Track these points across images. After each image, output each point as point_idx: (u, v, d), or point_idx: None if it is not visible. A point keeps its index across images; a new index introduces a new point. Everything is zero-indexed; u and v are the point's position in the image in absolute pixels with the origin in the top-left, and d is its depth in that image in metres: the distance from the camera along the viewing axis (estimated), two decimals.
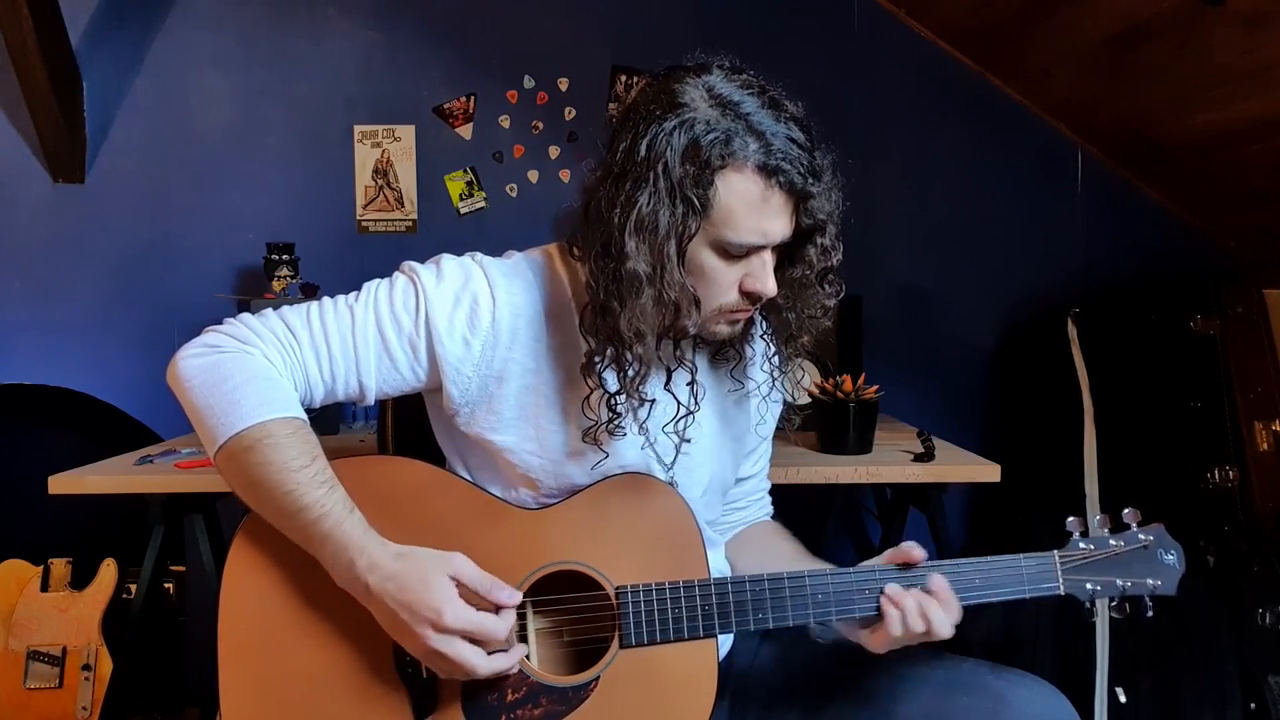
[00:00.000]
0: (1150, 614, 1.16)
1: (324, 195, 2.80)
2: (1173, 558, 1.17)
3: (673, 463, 1.20)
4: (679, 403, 1.15)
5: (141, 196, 2.74)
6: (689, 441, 1.18)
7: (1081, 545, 1.16)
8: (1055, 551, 1.16)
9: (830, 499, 2.78)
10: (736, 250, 1.05)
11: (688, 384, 1.15)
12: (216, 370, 1.06)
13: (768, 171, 1.02)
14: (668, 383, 1.14)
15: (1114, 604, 1.16)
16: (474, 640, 1.02)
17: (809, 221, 1.08)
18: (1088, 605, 1.16)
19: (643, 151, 1.02)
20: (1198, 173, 2.69)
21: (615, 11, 2.83)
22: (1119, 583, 1.16)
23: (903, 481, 2.03)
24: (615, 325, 1.05)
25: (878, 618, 1.11)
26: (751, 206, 1.03)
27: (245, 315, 1.13)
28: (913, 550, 1.12)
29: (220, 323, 1.13)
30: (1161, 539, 1.18)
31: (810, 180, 1.04)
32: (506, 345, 1.13)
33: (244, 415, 1.04)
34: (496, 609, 1.05)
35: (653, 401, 1.12)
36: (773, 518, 1.43)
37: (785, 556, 1.27)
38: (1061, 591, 1.15)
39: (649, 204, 1.01)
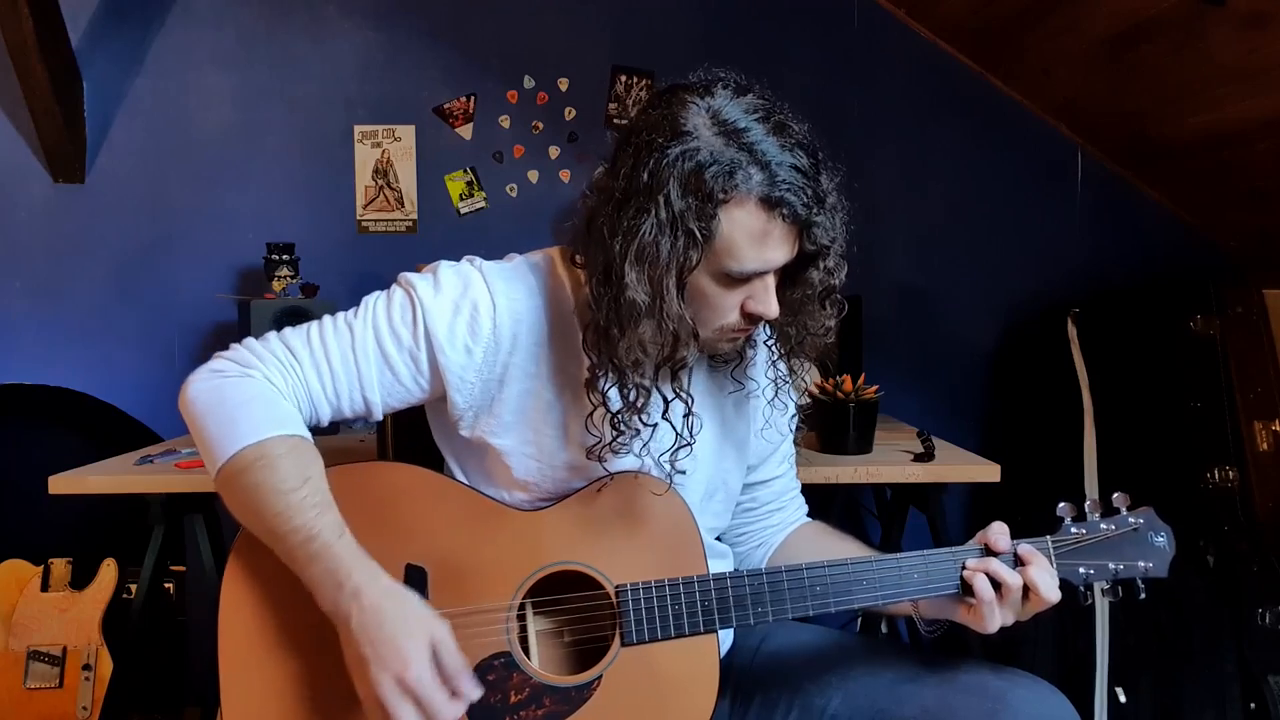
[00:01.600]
0: (1142, 596, 1.16)
1: (324, 195, 2.80)
2: (1163, 540, 1.18)
3: (668, 471, 1.19)
4: (676, 433, 1.12)
5: (141, 196, 2.74)
6: (683, 473, 1.16)
7: (1073, 530, 1.17)
8: (1048, 537, 1.17)
9: (830, 499, 2.78)
10: (739, 277, 1.05)
11: (684, 416, 1.12)
12: (217, 394, 1.07)
13: (771, 203, 1.00)
14: (665, 412, 1.11)
15: (1107, 587, 1.17)
16: (421, 710, 0.98)
17: (812, 247, 1.07)
18: (1082, 589, 1.17)
19: (645, 179, 1.00)
20: (1198, 173, 2.69)
21: (615, 11, 2.83)
22: (1111, 566, 1.16)
23: (903, 481, 2.03)
24: (615, 351, 1.04)
25: (960, 596, 1.12)
26: (754, 238, 1.02)
27: (249, 340, 1.14)
28: (998, 538, 1.13)
29: (226, 348, 1.13)
30: (1151, 521, 1.19)
31: (814, 209, 1.03)
32: (508, 350, 1.13)
33: (240, 436, 1.03)
34: (453, 694, 1.00)
35: (654, 426, 1.10)
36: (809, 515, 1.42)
37: (849, 552, 1.24)
38: (1057, 575, 1.14)
39: (650, 234, 1.00)
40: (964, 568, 1.13)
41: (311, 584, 1.02)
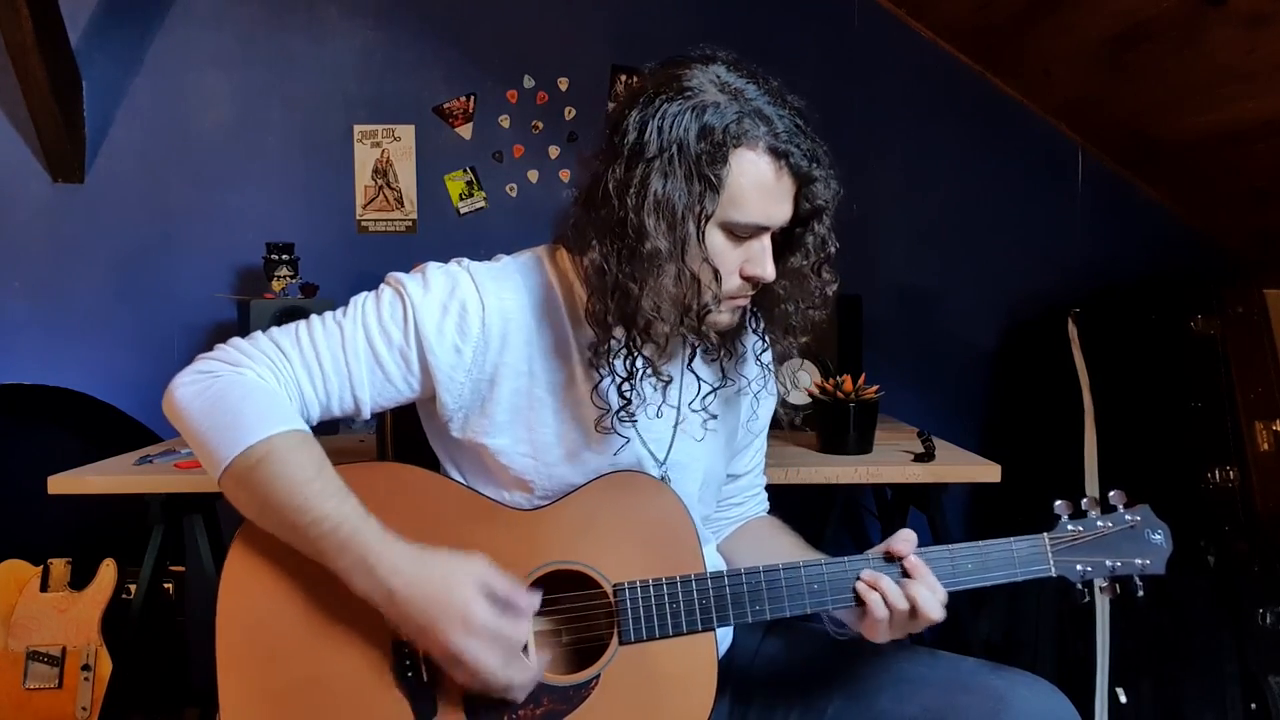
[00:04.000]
0: (1140, 593, 1.16)
1: (324, 195, 2.80)
2: (1159, 537, 1.18)
3: (665, 459, 1.20)
4: (699, 380, 1.17)
5: (141, 196, 2.74)
6: (715, 417, 1.20)
7: (1070, 527, 1.17)
8: (1045, 534, 1.17)
9: (830, 499, 2.78)
10: (741, 231, 1.07)
11: (713, 361, 1.18)
12: (211, 393, 1.06)
13: (778, 154, 1.04)
14: (691, 361, 1.16)
15: (1104, 585, 1.17)
16: (498, 644, 1.01)
17: (808, 206, 1.10)
18: (1079, 587, 1.17)
19: (653, 133, 1.03)
20: (1198, 173, 2.69)
21: (615, 11, 2.83)
22: (1108, 563, 1.16)
23: (903, 481, 2.03)
24: (632, 307, 1.05)
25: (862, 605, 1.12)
26: (762, 187, 1.05)
27: (235, 339, 1.13)
28: (897, 544, 1.12)
29: (211, 349, 1.13)
30: (1148, 519, 1.19)
31: (813, 165, 1.07)
32: (497, 350, 1.13)
33: (245, 434, 1.03)
34: (515, 612, 1.04)
35: (669, 380, 1.13)
36: (770, 513, 1.44)
37: (784, 550, 1.28)
38: (1053, 573, 1.15)
39: (665, 185, 1.02)
40: (859, 579, 1.12)
41: (345, 575, 1.03)
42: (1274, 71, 2.09)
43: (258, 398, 1.06)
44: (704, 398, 1.18)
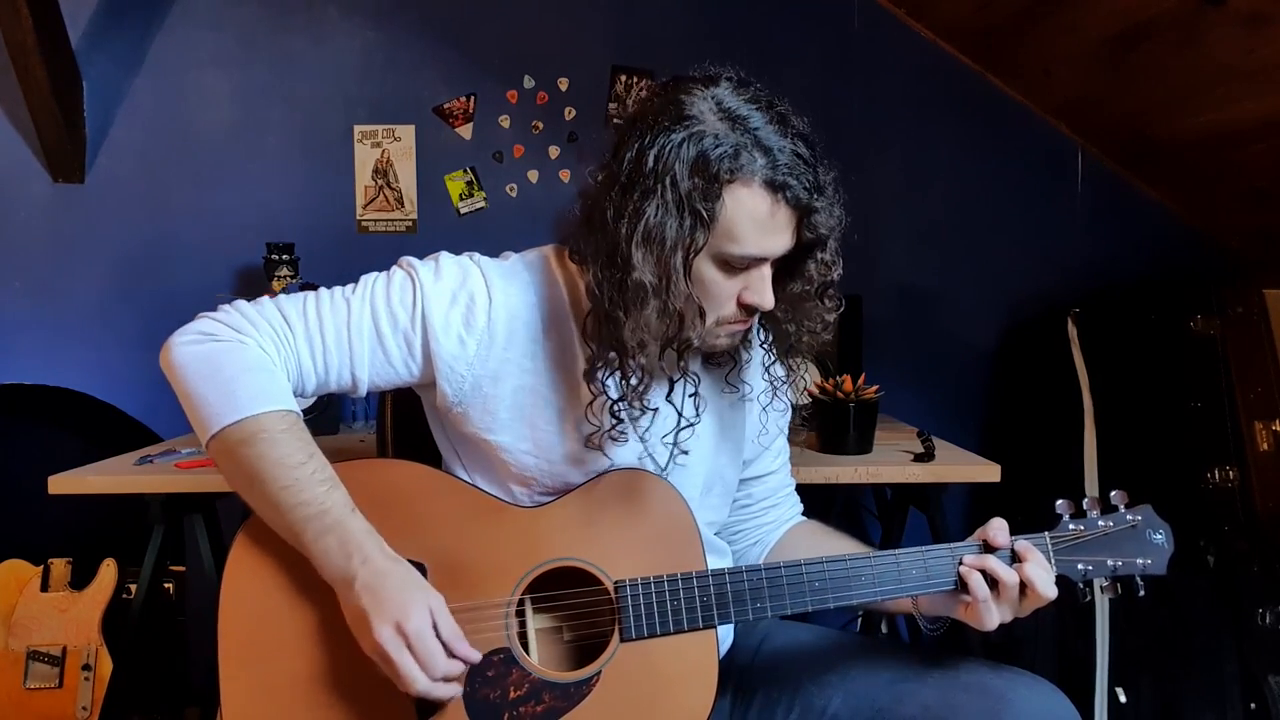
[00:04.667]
0: (1141, 593, 1.16)
1: (324, 195, 2.80)
2: (1161, 537, 1.18)
3: (666, 466, 1.20)
4: (679, 414, 1.15)
5: (141, 196, 2.74)
6: (686, 453, 1.18)
7: (1072, 526, 1.17)
8: (1046, 533, 1.17)
9: (830, 499, 2.78)
10: (738, 263, 1.06)
11: (690, 395, 1.15)
12: (211, 359, 1.07)
13: (775, 187, 1.02)
14: (670, 394, 1.14)
15: (1105, 584, 1.17)
16: (418, 660, 1.00)
17: (810, 236, 1.08)
18: (1080, 586, 1.17)
19: (650, 162, 1.02)
20: (1198, 173, 2.69)
21: (615, 11, 2.83)
22: (1109, 562, 1.16)
23: (903, 481, 2.03)
24: (620, 334, 1.05)
25: (958, 593, 1.12)
26: (757, 221, 1.03)
27: (240, 303, 1.14)
28: (997, 534, 1.13)
29: (215, 309, 1.12)
30: (1150, 519, 1.19)
31: (814, 195, 1.05)
32: (502, 346, 1.13)
33: (238, 407, 1.04)
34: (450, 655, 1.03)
35: (655, 410, 1.12)
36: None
37: (843, 551, 1.25)
38: (1054, 571, 1.15)
39: (656, 216, 1.01)
40: (961, 564, 1.13)
41: (320, 555, 1.04)
42: (1274, 71, 2.09)
43: (256, 373, 1.07)
44: (679, 432, 1.16)
